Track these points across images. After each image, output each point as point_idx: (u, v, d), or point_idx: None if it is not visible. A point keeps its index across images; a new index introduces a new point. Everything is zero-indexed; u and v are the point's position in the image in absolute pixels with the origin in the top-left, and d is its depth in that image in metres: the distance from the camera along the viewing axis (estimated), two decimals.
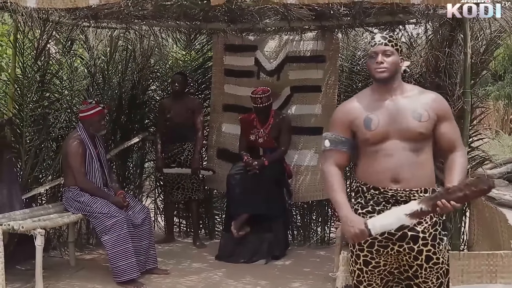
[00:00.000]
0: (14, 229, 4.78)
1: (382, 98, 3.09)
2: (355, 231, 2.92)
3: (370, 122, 3.04)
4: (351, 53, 6.98)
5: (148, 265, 5.52)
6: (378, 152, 3.04)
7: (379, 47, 3.08)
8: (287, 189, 6.45)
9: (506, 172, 11.36)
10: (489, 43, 5.44)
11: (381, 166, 3.03)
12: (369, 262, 3.11)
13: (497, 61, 16.45)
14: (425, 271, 3.05)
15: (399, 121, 3.02)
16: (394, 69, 3.07)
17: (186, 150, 6.69)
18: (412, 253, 3.03)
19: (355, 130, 3.10)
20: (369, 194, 3.10)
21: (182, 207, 7.23)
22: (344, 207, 3.02)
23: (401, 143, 3.00)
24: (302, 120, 6.70)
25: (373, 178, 3.07)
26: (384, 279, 3.15)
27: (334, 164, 3.13)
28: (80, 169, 5.40)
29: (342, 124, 3.14)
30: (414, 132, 3.00)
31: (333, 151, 3.15)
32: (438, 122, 3.04)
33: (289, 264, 6.12)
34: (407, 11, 5.37)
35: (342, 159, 3.15)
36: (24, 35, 6.02)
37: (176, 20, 6.31)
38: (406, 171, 2.99)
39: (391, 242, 3.04)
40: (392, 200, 3.03)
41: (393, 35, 3.12)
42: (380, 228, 2.93)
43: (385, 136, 3.02)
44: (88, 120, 5.50)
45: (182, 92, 6.70)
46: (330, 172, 3.13)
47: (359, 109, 3.11)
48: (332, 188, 3.10)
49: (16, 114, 5.99)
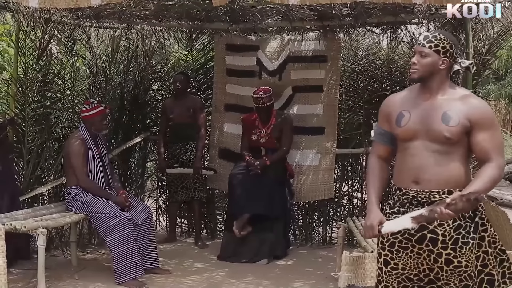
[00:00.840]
0: (16, 228, 4.77)
1: (421, 96, 3.08)
2: (367, 223, 3.02)
3: (402, 118, 3.05)
4: (353, 53, 6.97)
5: (149, 264, 5.51)
6: (405, 150, 3.05)
7: (417, 47, 3.07)
8: (289, 189, 6.45)
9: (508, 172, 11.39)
10: (491, 43, 5.44)
11: (405, 166, 3.04)
12: (388, 263, 3.12)
13: (499, 61, 16.45)
14: (446, 273, 3.02)
15: (428, 121, 2.99)
16: (427, 70, 3.02)
17: (188, 150, 6.69)
18: (431, 255, 3.01)
19: (391, 124, 3.13)
20: (396, 196, 3.12)
21: (184, 207, 7.23)
22: (369, 201, 3.13)
23: (428, 143, 2.98)
24: (304, 120, 6.70)
25: (398, 178, 3.10)
26: (401, 283, 3.12)
27: (376, 156, 3.20)
28: (82, 168, 5.40)
29: (382, 116, 3.19)
30: (440, 134, 2.96)
31: (375, 142, 3.22)
32: (473, 130, 2.95)
33: (291, 264, 6.12)
34: (409, 11, 5.37)
35: (383, 152, 3.20)
36: (26, 35, 6.03)
37: (178, 20, 6.32)
38: (426, 172, 2.98)
39: (410, 243, 3.03)
40: (414, 201, 3.02)
41: (437, 35, 3.04)
42: (389, 228, 2.97)
43: (413, 135, 3.01)
44: (90, 119, 5.51)
45: (184, 92, 6.70)
46: (369, 164, 3.23)
47: (398, 103, 3.13)
48: (367, 180, 3.20)
49: (18, 113, 6.00)
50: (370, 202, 3.12)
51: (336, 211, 6.97)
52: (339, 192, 6.92)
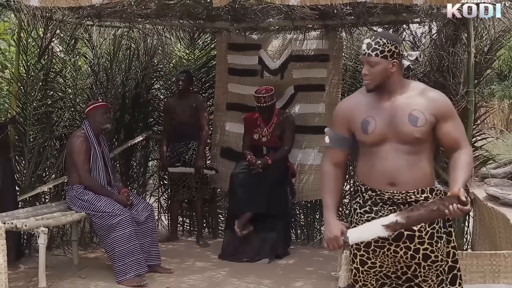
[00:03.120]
0: (17, 227, 4.78)
1: (381, 99, 3.04)
2: (329, 236, 2.97)
3: (367, 125, 3.01)
4: (355, 52, 6.96)
5: (151, 262, 5.51)
6: (374, 154, 3.02)
7: (363, 58, 3.03)
8: (291, 188, 6.44)
9: (510, 172, 11.35)
10: (493, 43, 5.43)
11: (378, 169, 3.01)
12: (365, 262, 3.10)
13: (502, 61, 16.42)
14: (423, 269, 3.03)
15: (395, 124, 2.97)
16: (381, 77, 2.99)
17: (190, 149, 6.69)
18: (409, 252, 3.01)
19: (353, 130, 3.09)
20: (367, 195, 3.08)
21: (185, 206, 7.23)
22: (327, 210, 3.06)
23: (398, 146, 2.97)
24: (306, 119, 6.70)
25: (370, 180, 3.06)
26: (379, 280, 3.13)
27: (331, 163, 3.15)
28: (84, 166, 5.41)
29: (341, 122, 3.14)
30: (411, 136, 2.95)
31: (331, 149, 3.16)
32: (438, 123, 2.98)
33: (292, 263, 6.11)
34: (410, 10, 5.36)
35: (340, 158, 3.15)
36: (27, 34, 6.03)
37: (179, 19, 6.33)
38: (402, 175, 2.97)
39: (387, 242, 3.01)
40: (389, 202, 3.02)
41: (379, 41, 2.99)
42: (357, 238, 2.95)
43: (382, 139, 2.99)
44: (93, 113, 5.53)
45: (187, 91, 6.70)
46: (325, 171, 3.16)
47: (357, 110, 3.07)
48: (323, 189, 3.15)
49: (20, 112, 6.00)
50: (328, 212, 3.05)
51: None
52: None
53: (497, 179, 10.36)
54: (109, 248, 5.27)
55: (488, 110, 6.68)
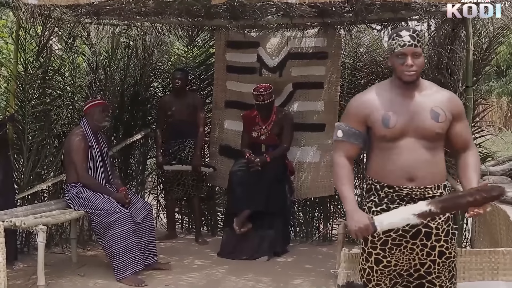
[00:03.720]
0: (16, 225, 4.77)
1: (402, 94, 3.04)
2: (359, 225, 2.89)
3: (389, 120, 2.99)
4: (353, 50, 6.96)
5: (148, 261, 5.52)
6: (393, 149, 3.01)
7: (409, 49, 2.98)
8: (289, 186, 6.44)
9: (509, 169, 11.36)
10: (491, 40, 5.43)
11: (396, 165, 3.00)
12: (381, 261, 3.09)
13: (501, 57, 16.42)
14: (438, 266, 3.05)
15: (417, 119, 2.99)
16: (421, 69, 3.04)
17: (187, 147, 6.68)
18: (425, 250, 3.02)
19: (370, 125, 3.06)
20: (383, 192, 3.07)
21: (184, 204, 7.23)
22: (350, 202, 3.00)
23: (417, 141, 2.98)
24: (305, 116, 6.69)
25: (388, 176, 3.04)
26: (392, 280, 3.12)
27: (344, 156, 3.10)
28: (83, 164, 5.40)
29: (357, 117, 3.09)
30: (431, 131, 2.98)
31: (345, 142, 3.11)
32: (452, 122, 3.03)
33: (291, 261, 6.11)
34: (409, 7, 5.36)
35: (353, 151, 3.12)
36: (26, 32, 6.02)
37: (178, 16, 6.32)
38: (421, 170, 2.98)
39: (404, 240, 3.02)
40: (407, 198, 3.01)
41: (419, 33, 3.03)
42: (388, 225, 2.91)
43: (402, 134, 2.99)
44: (92, 110, 5.52)
45: (184, 89, 6.68)
46: (339, 163, 3.10)
47: (377, 104, 3.05)
48: (341, 181, 3.08)
49: (18, 110, 6.00)
50: (350, 203, 3.00)
51: (337, 208, 6.96)
52: None
53: (496, 177, 10.37)
54: (107, 245, 5.27)
55: (486, 107, 6.68)
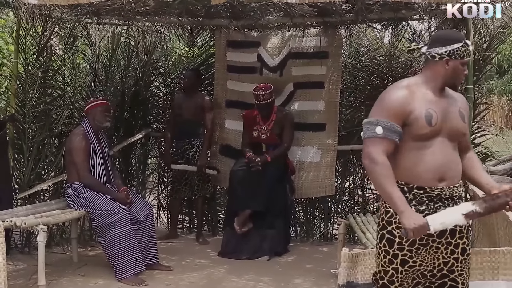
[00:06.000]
0: (16, 225, 4.77)
1: (436, 94, 3.02)
2: (415, 225, 2.81)
3: (431, 117, 2.94)
4: (354, 49, 6.96)
5: (149, 261, 5.52)
6: (425, 149, 2.96)
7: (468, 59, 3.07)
8: (290, 186, 6.44)
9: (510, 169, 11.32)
10: (492, 39, 5.42)
11: (429, 165, 2.96)
12: (407, 262, 3.03)
13: (503, 56, 16.39)
14: (460, 263, 3.05)
15: (450, 119, 2.99)
16: None
17: (194, 147, 6.68)
18: (449, 248, 3.01)
19: (410, 123, 2.97)
20: (411, 195, 2.99)
21: (185, 204, 7.23)
22: (403, 201, 2.89)
23: (446, 140, 2.98)
24: (305, 116, 6.69)
25: (419, 177, 2.97)
26: (415, 280, 3.09)
27: (384, 154, 2.95)
28: (84, 164, 5.40)
29: (398, 113, 2.96)
30: (461, 132, 3.02)
31: (385, 139, 2.96)
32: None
33: (291, 261, 6.11)
34: (409, 7, 5.36)
35: (391, 148, 2.98)
36: (26, 32, 6.02)
37: (178, 16, 6.32)
38: (451, 169, 2.99)
39: (431, 239, 2.98)
40: (435, 198, 2.98)
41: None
42: (440, 225, 2.86)
43: (437, 133, 2.96)
44: (93, 110, 5.52)
45: (193, 89, 6.70)
46: (382, 162, 2.93)
47: (418, 102, 2.98)
48: (387, 181, 2.92)
49: (19, 110, 6.01)
50: (403, 203, 2.88)
51: (337, 208, 6.96)
52: (340, 189, 6.91)
53: (496, 176, 10.30)
54: (107, 246, 5.27)
55: (487, 107, 6.68)
